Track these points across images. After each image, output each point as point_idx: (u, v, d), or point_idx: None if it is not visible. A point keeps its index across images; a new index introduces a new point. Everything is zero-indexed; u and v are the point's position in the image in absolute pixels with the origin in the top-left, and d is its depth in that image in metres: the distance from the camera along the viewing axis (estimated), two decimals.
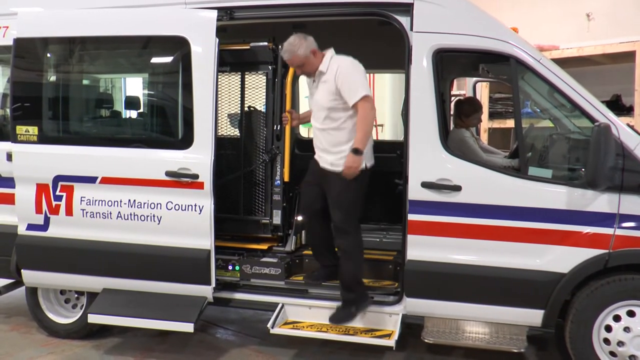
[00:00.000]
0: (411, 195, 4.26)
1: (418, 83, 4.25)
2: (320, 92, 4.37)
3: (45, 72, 5.12)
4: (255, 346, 5.05)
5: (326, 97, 4.32)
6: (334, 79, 4.26)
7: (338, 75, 4.26)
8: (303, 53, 4.31)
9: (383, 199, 6.35)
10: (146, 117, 5.38)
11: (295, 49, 4.31)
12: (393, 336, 4.31)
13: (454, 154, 4.26)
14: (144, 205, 4.60)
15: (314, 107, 4.46)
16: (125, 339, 5.17)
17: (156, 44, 4.87)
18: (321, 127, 4.42)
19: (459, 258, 4.24)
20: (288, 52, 4.33)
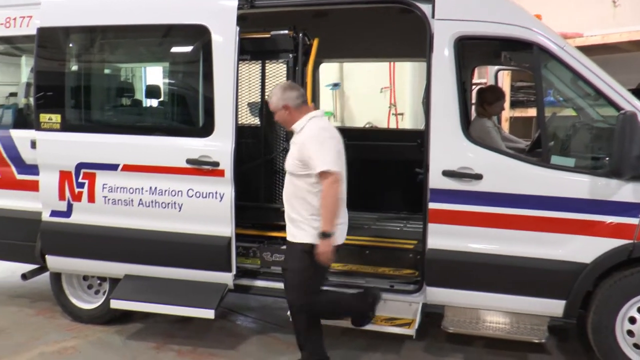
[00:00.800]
0: (432, 184, 4.24)
1: (439, 71, 4.21)
2: (290, 154, 4.04)
3: (68, 61, 5.17)
4: (275, 333, 5.08)
5: (290, 160, 3.99)
6: (301, 144, 3.91)
7: (304, 141, 3.90)
8: (274, 103, 4.03)
9: (403, 188, 6.36)
10: (167, 106, 5.41)
11: (271, 95, 4.10)
12: (413, 325, 4.31)
13: (475, 143, 4.23)
14: (165, 193, 4.64)
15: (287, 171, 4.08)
16: (146, 325, 5.23)
17: (177, 32, 4.88)
18: (285, 191, 4.09)
19: (480, 247, 4.22)
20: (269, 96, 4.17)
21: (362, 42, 6.17)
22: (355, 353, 4.66)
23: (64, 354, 4.61)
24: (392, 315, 4.47)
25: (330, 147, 3.87)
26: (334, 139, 3.93)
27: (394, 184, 6.50)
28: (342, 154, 3.98)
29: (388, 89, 11.24)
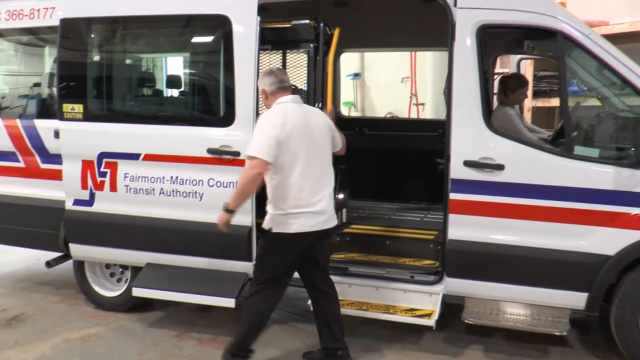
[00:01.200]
0: (453, 174, 4.21)
1: (461, 61, 4.17)
2: None
3: (90, 52, 5.22)
4: (296, 323, 5.10)
5: None
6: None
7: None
8: (259, 86, 4.16)
9: (424, 178, 6.34)
10: (188, 96, 5.43)
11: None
12: (433, 316, 4.30)
13: (497, 132, 4.19)
14: (186, 182, 4.67)
15: None
16: (167, 313, 5.28)
17: (198, 22, 4.90)
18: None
19: (501, 238, 4.19)
20: None
21: (383, 31, 6.13)
22: (375, 343, 4.66)
23: (87, 340, 4.68)
24: (412, 306, 4.46)
25: (267, 135, 3.81)
26: (277, 127, 3.83)
27: (415, 174, 6.48)
28: (289, 143, 3.85)
29: (409, 79, 11.18)
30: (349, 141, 6.54)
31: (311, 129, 3.96)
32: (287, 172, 3.86)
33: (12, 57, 6.37)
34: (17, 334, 4.90)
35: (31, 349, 4.60)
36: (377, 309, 4.45)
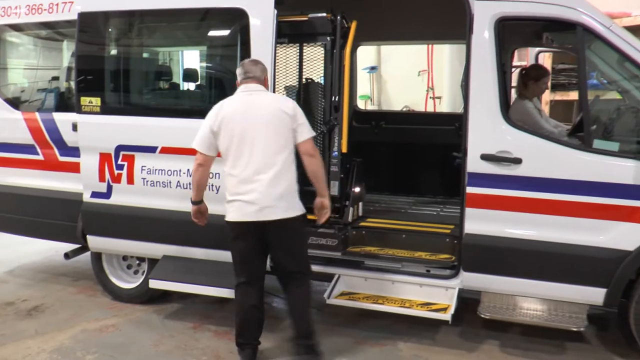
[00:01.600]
0: (470, 168, 4.19)
1: (479, 53, 4.14)
2: None
3: (107, 45, 5.25)
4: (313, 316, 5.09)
5: None
6: None
7: None
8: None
9: (441, 172, 6.31)
10: (205, 89, 5.44)
11: None
12: (449, 310, 4.28)
13: (514, 126, 4.16)
14: None
15: None
16: (184, 305, 5.32)
17: (215, 16, 4.90)
18: None
19: (518, 233, 4.16)
20: None
21: (400, 24, 6.10)
22: (391, 337, 4.66)
23: (104, 331, 4.73)
24: (428, 300, 4.45)
25: (203, 126, 4.03)
26: (210, 118, 4.00)
27: (431, 168, 6.45)
28: (222, 131, 3.93)
29: (426, 72, 11.14)
30: (366, 135, 6.56)
31: (250, 117, 3.93)
32: (224, 160, 4.00)
33: (31, 51, 6.43)
34: (37, 324, 4.97)
35: (50, 338, 4.66)
36: (393, 302, 4.45)
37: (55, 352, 4.40)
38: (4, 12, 5.57)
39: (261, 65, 4.13)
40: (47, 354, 4.39)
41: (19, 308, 5.34)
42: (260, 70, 4.11)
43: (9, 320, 5.05)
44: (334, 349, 4.45)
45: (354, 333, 4.75)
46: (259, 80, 4.08)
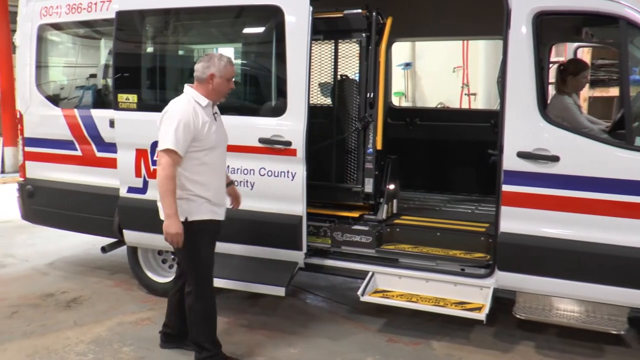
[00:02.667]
0: (506, 166, 4.12)
1: (516, 49, 4.06)
2: (221, 126, 4.12)
3: (144, 43, 5.32)
4: (345, 313, 5.11)
5: (225, 132, 4.17)
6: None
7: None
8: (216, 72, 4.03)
9: (476, 170, 6.23)
10: (239, 86, 5.47)
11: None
12: (484, 310, 4.22)
13: (552, 123, 4.07)
14: (238, 171, 4.71)
15: (222, 143, 4.08)
16: (218, 300, 5.26)
17: (250, 13, 4.93)
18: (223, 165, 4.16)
19: (555, 232, 4.07)
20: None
21: (436, 20, 6.04)
22: (424, 336, 4.63)
23: (140, 324, 4.80)
24: (462, 299, 4.39)
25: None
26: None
27: (466, 166, 6.38)
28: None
29: (461, 69, 11.03)
30: (400, 132, 6.53)
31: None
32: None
33: (70, 49, 6.56)
34: (76, 315, 5.09)
35: (88, 330, 4.76)
36: (427, 301, 4.41)
37: (92, 344, 4.50)
38: (46, 11, 5.69)
39: (205, 62, 3.93)
40: (85, 344, 4.49)
41: (59, 299, 5.47)
42: (201, 69, 3.94)
43: (50, 311, 5.18)
44: (367, 347, 4.45)
45: (387, 331, 4.73)
46: (198, 80, 3.97)
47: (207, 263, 4.06)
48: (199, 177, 3.90)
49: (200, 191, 3.90)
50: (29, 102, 5.88)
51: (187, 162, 3.85)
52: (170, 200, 3.75)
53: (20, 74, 6.00)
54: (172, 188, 3.75)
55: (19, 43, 5.95)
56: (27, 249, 7.32)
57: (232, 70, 3.98)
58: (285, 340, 4.58)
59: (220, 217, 4.06)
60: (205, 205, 3.93)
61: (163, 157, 3.77)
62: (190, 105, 3.89)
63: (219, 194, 4.04)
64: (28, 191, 5.92)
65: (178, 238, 3.78)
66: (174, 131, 3.75)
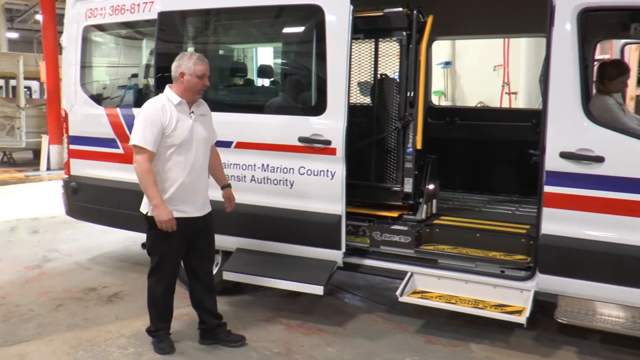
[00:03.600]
0: (548, 166, 4.04)
1: (560, 47, 3.98)
2: (202, 125, 4.22)
3: (185, 43, 5.41)
4: (383, 313, 5.09)
5: (209, 131, 4.30)
6: (210, 115, 4.36)
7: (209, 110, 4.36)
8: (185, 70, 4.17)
9: (516, 170, 6.14)
10: (279, 85, 5.50)
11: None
12: (524, 313, 4.14)
13: (597, 123, 3.98)
14: (277, 170, 4.74)
15: (197, 142, 4.16)
16: (256, 298, 5.41)
17: (290, 12, 4.95)
18: (203, 161, 4.28)
19: (599, 235, 3.97)
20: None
21: (477, 18, 5.97)
22: (463, 338, 4.58)
23: (179, 319, 4.86)
24: (502, 301, 4.32)
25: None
26: None
27: (507, 166, 6.29)
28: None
29: (501, 67, 10.87)
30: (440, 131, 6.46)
31: None
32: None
33: (112, 49, 6.71)
34: (117, 309, 5.20)
35: (129, 324, 4.85)
36: (466, 303, 4.36)
37: (133, 338, 4.58)
38: (91, 13, 5.82)
39: (177, 62, 4.10)
40: (126, 338, 4.58)
41: (101, 294, 5.60)
42: (173, 68, 4.12)
43: (92, 305, 5.31)
44: (405, 348, 4.43)
45: (425, 332, 4.70)
46: (173, 79, 4.13)
47: (164, 254, 4.25)
48: (165, 173, 4.10)
49: (164, 187, 4.09)
50: (74, 102, 6.02)
51: (157, 157, 4.06)
52: (153, 191, 3.99)
53: (66, 74, 6.15)
54: (152, 180, 3.99)
55: (65, 44, 6.10)
56: (70, 244, 7.51)
57: (202, 68, 4.09)
58: (323, 339, 4.58)
59: (186, 215, 4.16)
60: (167, 202, 4.07)
61: (136, 154, 4.02)
62: (159, 102, 4.09)
63: (186, 192, 4.15)
64: (72, 188, 6.07)
65: (170, 224, 4.02)
66: (141, 128, 4.00)
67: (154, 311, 4.39)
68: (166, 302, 4.38)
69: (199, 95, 4.18)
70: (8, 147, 16.29)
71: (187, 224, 4.18)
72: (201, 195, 4.26)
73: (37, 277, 6.16)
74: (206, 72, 4.11)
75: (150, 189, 3.99)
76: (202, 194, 4.27)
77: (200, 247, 4.36)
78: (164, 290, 4.34)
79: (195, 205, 4.21)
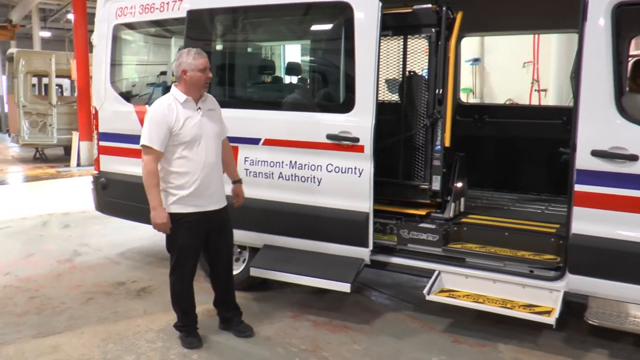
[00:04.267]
0: (579, 165, 3.97)
1: (593, 43, 3.90)
2: (210, 120, 4.28)
3: (213, 41, 5.44)
4: (410, 312, 5.07)
5: (219, 125, 4.36)
6: (219, 109, 4.43)
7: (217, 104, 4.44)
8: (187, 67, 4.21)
9: (546, 168, 6.06)
10: (307, 82, 5.50)
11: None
12: (553, 314, 4.08)
13: (631, 120, 3.89)
14: (305, 167, 4.75)
15: (207, 137, 4.22)
16: (283, 294, 5.43)
17: (318, 10, 4.95)
18: (215, 155, 4.32)
19: (632, 235, 3.88)
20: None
21: (507, 14, 5.90)
22: (491, 338, 4.54)
23: (206, 315, 4.89)
24: (530, 301, 4.26)
25: None
26: None
27: (536, 164, 6.21)
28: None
29: (531, 64, 10.72)
30: (468, 129, 6.40)
31: None
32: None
33: (141, 48, 6.78)
34: (145, 304, 5.27)
35: (157, 319, 4.91)
36: (494, 302, 4.31)
37: (161, 332, 4.64)
38: (121, 12, 5.90)
39: (176, 61, 4.18)
40: (154, 332, 4.64)
41: (130, 288, 5.68)
42: (175, 68, 4.20)
43: (121, 299, 5.39)
44: (432, 347, 4.40)
45: (453, 331, 4.67)
46: (177, 79, 4.20)
47: (183, 249, 4.33)
48: (178, 170, 4.16)
49: (178, 184, 4.18)
50: (104, 99, 6.11)
51: (168, 155, 4.15)
52: (154, 193, 4.10)
53: (96, 71, 6.23)
54: (154, 182, 4.10)
55: (96, 42, 6.19)
56: (100, 238, 7.64)
57: (202, 61, 4.16)
58: (350, 336, 4.58)
59: (203, 209, 4.24)
60: (183, 199, 4.18)
61: (143, 154, 4.12)
62: (165, 102, 4.17)
63: (201, 187, 4.20)
64: (101, 184, 6.16)
65: (165, 227, 4.16)
66: (148, 128, 4.10)
67: (178, 308, 4.46)
68: (188, 297, 4.46)
69: (205, 89, 4.25)
70: (40, 143, 16.62)
71: (204, 217, 4.25)
72: (216, 189, 4.31)
73: (68, 270, 6.28)
74: (207, 65, 4.19)
75: (152, 190, 4.10)
76: (217, 188, 4.32)
77: (218, 241, 4.43)
78: (185, 286, 4.42)
79: (211, 199, 4.27)
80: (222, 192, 4.40)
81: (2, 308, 5.16)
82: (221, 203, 4.38)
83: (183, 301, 4.44)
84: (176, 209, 4.20)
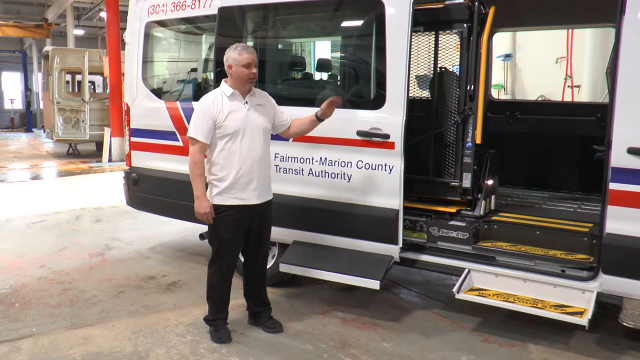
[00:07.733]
0: (614, 162, 3.89)
1: (631, 37, 3.80)
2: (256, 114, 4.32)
3: (244, 38, 5.46)
4: (439, 310, 5.04)
5: (268, 121, 4.38)
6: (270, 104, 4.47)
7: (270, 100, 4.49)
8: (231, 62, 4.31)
9: (579, 166, 5.96)
10: (337, 79, 5.49)
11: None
12: (586, 314, 4.00)
13: None
14: (335, 163, 4.75)
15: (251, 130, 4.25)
16: (312, 290, 5.44)
17: (350, 6, 4.94)
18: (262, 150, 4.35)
19: None
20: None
21: (539, 8, 5.80)
22: (521, 338, 4.48)
23: (236, 310, 4.93)
24: (562, 302, 4.20)
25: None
26: None
27: (569, 162, 6.10)
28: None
29: (564, 59, 10.53)
30: (499, 125, 6.32)
31: None
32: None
33: (172, 45, 6.85)
34: (175, 298, 5.33)
35: (187, 313, 4.96)
36: (525, 302, 4.25)
37: (191, 326, 4.68)
38: (153, 9, 5.96)
39: (225, 56, 4.28)
40: (184, 326, 4.69)
41: (160, 282, 5.75)
42: (224, 62, 4.29)
43: (151, 293, 5.46)
44: (461, 346, 4.37)
45: (482, 331, 4.62)
46: (226, 73, 4.30)
47: (223, 242, 4.36)
48: (221, 162, 4.23)
49: (221, 176, 4.24)
50: (135, 95, 6.18)
51: (212, 148, 4.23)
52: (198, 183, 4.18)
53: (128, 68, 6.31)
54: (199, 172, 4.18)
55: (128, 40, 6.27)
56: (131, 233, 7.75)
57: (247, 56, 4.21)
58: (379, 333, 4.57)
59: (245, 202, 4.27)
60: (225, 191, 4.23)
61: (190, 146, 4.22)
62: (212, 95, 4.27)
63: (243, 180, 4.24)
64: (133, 179, 6.24)
65: (207, 217, 4.22)
66: (194, 120, 4.20)
67: (212, 300, 4.49)
68: (224, 291, 4.48)
69: (250, 84, 4.28)
70: (73, 139, 16.92)
71: (245, 211, 4.28)
72: (260, 183, 4.32)
73: (99, 264, 6.39)
74: (251, 61, 4.21)
75: (196, 180, 4.19)
76: (261, 181, 4.33)
77: (257, 234, 4.45)
78: (222, 279, 4.45)
79: (254, 193, 4.29)
80: (268, 187, 4.42)
81: (38, 299, 5.28)
82: (265, 197, 4.40)
83: (218, 294, 4.47)
84: (218, 200, 4.25)
